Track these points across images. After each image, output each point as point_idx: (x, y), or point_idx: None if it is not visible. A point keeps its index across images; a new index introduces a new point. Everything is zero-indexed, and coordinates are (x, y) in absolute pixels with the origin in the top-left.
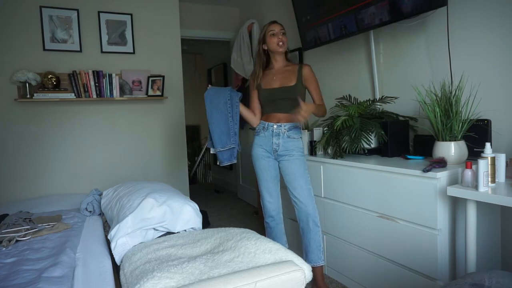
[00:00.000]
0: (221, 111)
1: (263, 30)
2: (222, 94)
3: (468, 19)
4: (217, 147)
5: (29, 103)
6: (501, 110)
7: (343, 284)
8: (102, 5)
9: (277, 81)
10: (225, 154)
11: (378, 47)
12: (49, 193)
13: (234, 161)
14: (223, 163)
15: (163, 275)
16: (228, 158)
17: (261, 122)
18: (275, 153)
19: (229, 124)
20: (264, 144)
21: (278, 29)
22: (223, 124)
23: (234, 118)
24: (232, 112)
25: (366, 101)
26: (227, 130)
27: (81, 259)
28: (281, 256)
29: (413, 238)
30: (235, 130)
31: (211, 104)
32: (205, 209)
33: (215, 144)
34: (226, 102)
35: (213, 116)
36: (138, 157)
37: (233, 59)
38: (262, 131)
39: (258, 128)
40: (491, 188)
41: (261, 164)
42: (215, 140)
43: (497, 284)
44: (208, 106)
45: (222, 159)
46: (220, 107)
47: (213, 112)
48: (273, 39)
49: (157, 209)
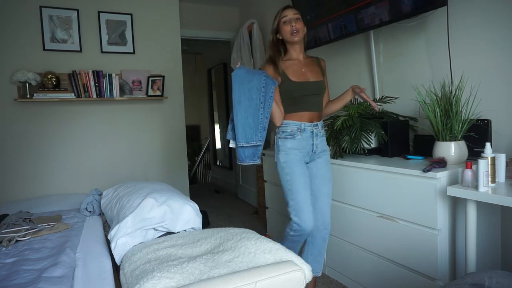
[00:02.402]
0: (251, 99)
1: (276, 18)
2: (255, 78)
3: (468, 19)
4: (240, 142)
5: (29, 103)
6: (501, 110)
7: (343, 284)
8: (102, 5)
9: (308, 74)
10: (248, 151)
11: (378, 47)
12: (49, 193)
13: (258, 161)
14: (244, 162)
15: (163, 275)
16: (250, 157)
17: (290, 123)
18: (313, 154)
19: (259, 116)
20: (302, 147)
21: (291, 14)
22: (251, 115)
23: (265, 110)
24: (265, 103)
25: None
26: (255, 123)
27: (81, 259)
28: (281, 256)
29: (413, 238)
30: (265, 125)
31: (240, 87)
32: (205, 209)
33: (238, 138)
34: (260, 89)
35: (241, 103)
36: (138, 157)
37: (233, 59)
38: (298, 133)
39: (290, 129)
40: (491, 188)
41: (299, 170)
42: (239, 133)
43: (497, 284)
44: (235, 89)
45: (242, 157)
46: (251, 93)
47: (242, 98)
48: (286, 27)
49: (157, 209)
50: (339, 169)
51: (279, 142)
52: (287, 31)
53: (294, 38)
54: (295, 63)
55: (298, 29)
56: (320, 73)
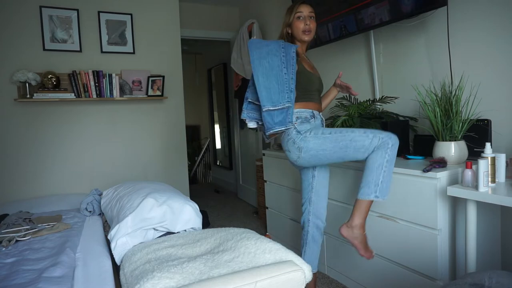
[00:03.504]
0: (272, 61)
1: (292, 12)
2: (272, 43)
3: (468, 19)
4: (265, 105)
5: (29, 103)
6: (501, 110)
7: (343, 284)
8: (102, 5)
9: (314, 69)
10: (277, 116)
11: (378, 47)
12: (49, 193)
13: (291, 126)
14: (274, 129)
15: (163, 275)
16: (281, 122)
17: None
18: None
19: (283, 76)
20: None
21: (306, 11)
22: (274, 77)
23: (289, 71)
24: (287, 63)
25: (366, 101)
26: (279, 84)
27: (81, 259)
28: (281, 256)
29: (413, 238)
30: (291, 86)
31: (258, 52)
32: (205, 209)
33: (263, 102)
34: (279, 50)
35: (262, 65)
36: (138, 157)
37: (233, 59)
38: (312, 119)
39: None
40: (491, 188)
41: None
42: (263, 96)
43: (497, 284)
44: (253, 55)
45: (271, 124)
46: (271, 56)
47: (262, 62)
48: (299, 24)
49: (157, 209)
50: (339, 169)
51: (297, 128)
52: (300, 28)
53: (305, 38)
54: (303, 57)
55: (311, 29)
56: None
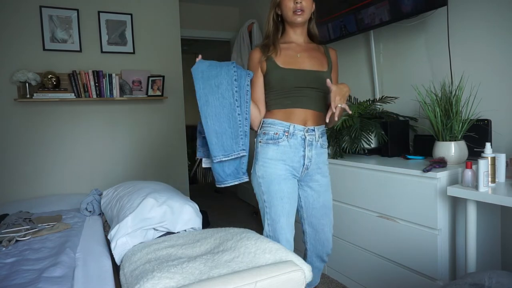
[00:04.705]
0: (222, 97)
1: None
2: (223, 71)
3: (468, 19)
4: (216, 156)
5: (29, 103)
6: (501, 110)
7: (343, 284)
8: (102, 5)
9: (305, 60)
10: (229, 167)
11: (378, 47)
12: (49, 193)
13: (245, 178)
14: (226, 183)
15: (163, 275)
16: (233, 175)
17: (275, 123)
18: (305, 171)
19: (236, 117)
20: (289, 158)
21: None
22: (225, 118)
23: (243, 109)
24: (240, 100)
25: (366, 101)
26: (232, 127)
27: (81, 259)
28: (281, 256)
29: (413, 238)
30: (245, 128)
31: (205, 84)
32: (205, 209)
33: (214, 151)
34: (231, 83)
35: (210, 104)
36: (138, 157)
37: (233, 59)
38: (284, 138)
39: (273, 132)
40: (491, 188)
41: (283, 189)
42: (213, 145)
43: (497, 284)
44: (199, 88)
45: (223, 177)
46: (221, 90)
47: (210, 98)
48: (288, 2)
49: (157, 209)
50: (339, 169)
51: (258, 148)
52: (289, 8)
53: (297, 19)
54: (291, 46)
55: (303, 7)
56: (325, 63)
